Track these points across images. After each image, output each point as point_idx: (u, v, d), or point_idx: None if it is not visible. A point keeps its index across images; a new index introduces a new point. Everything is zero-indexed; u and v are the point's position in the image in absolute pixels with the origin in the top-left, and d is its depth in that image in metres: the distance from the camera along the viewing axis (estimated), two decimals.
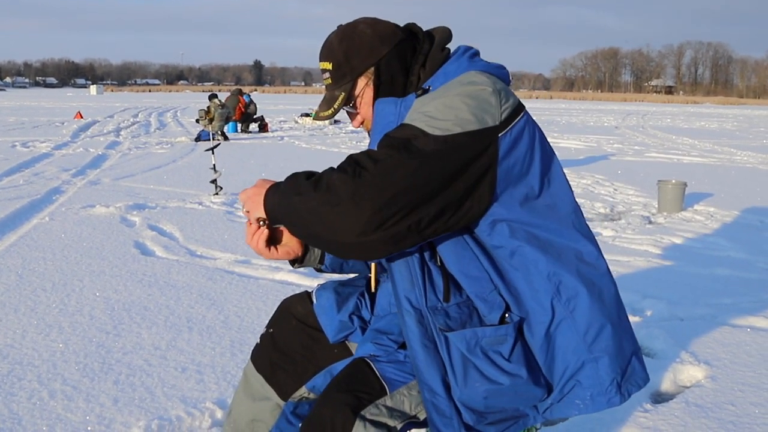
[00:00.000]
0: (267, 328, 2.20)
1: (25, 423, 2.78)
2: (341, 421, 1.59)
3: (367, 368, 1.73)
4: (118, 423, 2.80)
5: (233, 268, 5.08)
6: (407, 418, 1.69)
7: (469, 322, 1.64)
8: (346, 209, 1.44)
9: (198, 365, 3.36)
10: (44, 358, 3.39)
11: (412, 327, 1.66)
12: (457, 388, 1.64)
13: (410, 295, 1.66)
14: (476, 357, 1.62)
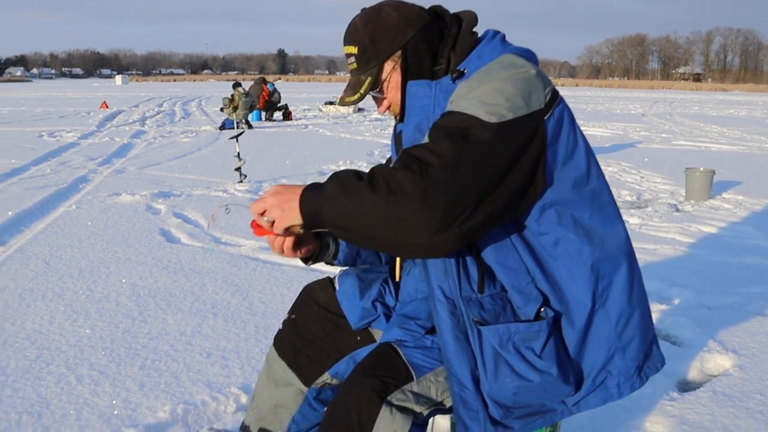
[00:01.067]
0: (289, 314, 2.20)
1: (53, 407, 2.80)
2: (367, 406, 1.58)
3: (393, 353, 1.72)
4: (144, 407, 2.82)
5: (258, 255, 5.10)
6: (433, 404, 1.68)
7: (502, 314, 1.62)
8: (416, 209, 1.39)
9: (223, 351, 3.37)
10: (71, 343, 3.42)
11: (444, 317, 1.64)
12: (486, 383, 1.63)
13: (444, 284, 1.65)
14: (508, 352, 1.60)
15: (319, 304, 2.11)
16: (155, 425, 2.69)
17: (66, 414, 2.75)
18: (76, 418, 2.73)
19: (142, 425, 2.66)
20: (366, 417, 1.57)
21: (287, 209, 1.54)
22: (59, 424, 2.68)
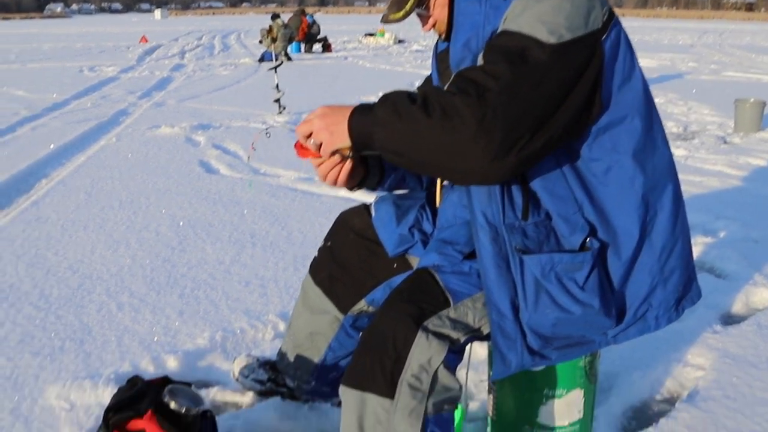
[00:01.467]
0: (325, 242, 2.17)
1: (95, 334, 2.84)
2: (403, 331, 1.55)
3: (430, 279, 1.68)
4: (183, 334, 2.85)
5: (296, 185, 5.09)
6: (470, 331, 1.64)
7: (546, 243, 1.57)
8: (474, 135, 1.34)
9: (261, 279, 3.38)
10: (112, 272, 3.46)
11: (485, 244, 1.60)
12: (526, 312, 1.59)
13: (487, 210, 1.60)
14: (550, 283, 1.56)
15: (354, 231, 2.07)
16: (194, 351, 2.72)
17: (107, 341, 2.79)
18: (117, 344, 2.77)
19: (181, 351, 2.69)
20: (401, 342, 1.54)
21: (336, 132, 1.50)
22: (101, 350, 2.72)
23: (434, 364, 1.54)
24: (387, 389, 1.54)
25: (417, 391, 1.54)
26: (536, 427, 1.98)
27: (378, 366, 1.54)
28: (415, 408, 1.54)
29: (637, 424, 2.35)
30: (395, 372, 1.53)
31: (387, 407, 1.54)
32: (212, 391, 2.49)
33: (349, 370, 1.61)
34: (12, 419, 2.29)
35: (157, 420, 1.91)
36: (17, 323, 2.91)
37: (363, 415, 1.57)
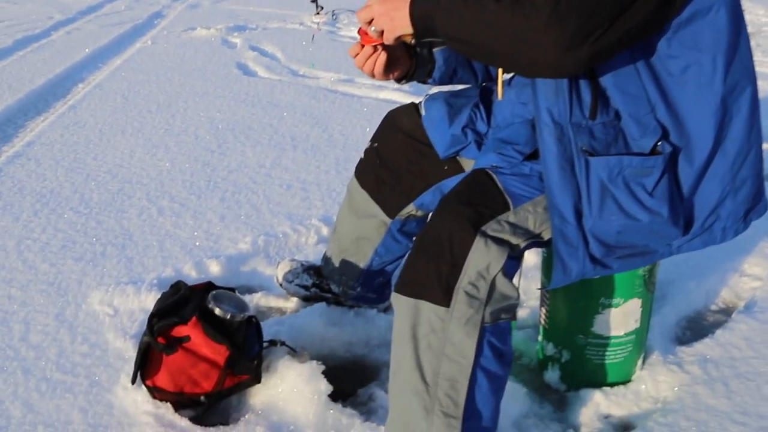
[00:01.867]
0: (371, 143, 2.05)
1: (136, 239, 2.80)
2: (460, 235, 1.44)
3: (488, 181, 1.56)
4: (225, 239, 2.79)
5: (336, 87, 4.94)
6: (530, 236, 1.53)
7: (614, 145, 1.45)
8: (546, 23, 1.23)
9: (303, 183, 3.29)
10: (152, 176, 3.39)
11: (549, 144, 1.47)
12: (590, 218, 1.48)
13: (553, 107, 1.46)
14: (616, 187, 1.44)
15: (403, 132, 1.95)
16: (237, 256, 2.66)
17: (149, 245, 2.75)
18: (159, 249, 2.72)
19: (224, 256, 2.63)
20: (459, 247, 1.44)
21: (397, 18, 1.42)
22: (142, 255, 2.68)
23: (492, 271, 1.44)
24: (442, 297, 1.44)
25: (474, 300, 1.44)
26: (590, 336, 1.90)
27: (433, 272, 1.44)
28: (471, 317, 1.45)
29: (692, 335, 2.25)
30: (451, 279, 1.44)
31: (442, 316, 1.45)
32: (256, 297, 2.44)
33: (401, 276, 1.52)
34: (57, 324, 2.27)
35: (202, 326, 1.85)
36: (59, 229, 2.87)
37: (416, 323, 1.48)
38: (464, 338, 1.46)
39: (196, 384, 1.88)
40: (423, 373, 1.49)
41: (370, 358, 2.17)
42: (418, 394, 1.50)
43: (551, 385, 2.01)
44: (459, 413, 1.49)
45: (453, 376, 1.48)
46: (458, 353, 1.47)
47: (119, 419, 1.88)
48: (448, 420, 1.49)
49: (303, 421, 1.85)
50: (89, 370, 2.06)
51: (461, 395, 1.49)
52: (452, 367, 1.47)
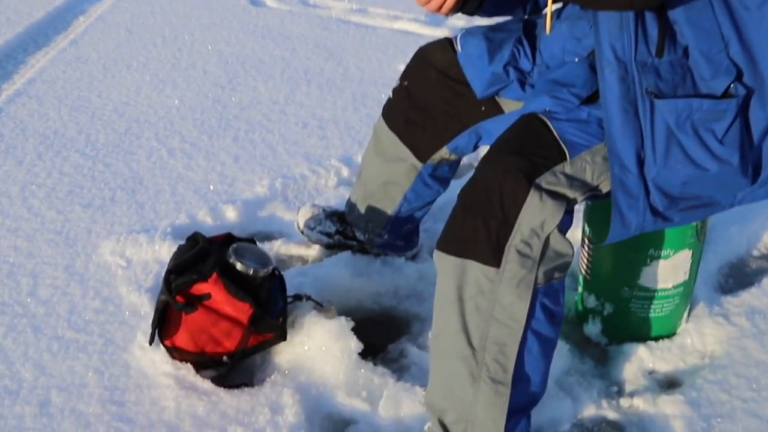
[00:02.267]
0: (401, 81, 1.89)
1: (146, 183, 2.67)
2: (512, 188, 1.30)
3: (542, 127, 1.40)
4: (240, 182, 2.66)
5: (349, 17, 4.71)
6: (588, 189, 1.39)
7: (681, 86, 1.30)
8: None
9: (319, 120, 3.14)
10: (160, 114, 3.24)
11: (611, 84, 1.33)
12: (653, 167, 1.35)
13: (616, 42, 1.31)
14: (684, 133, 1.31)
15: (436, 69, 1.78)
16: (253, 200, 2.53)
17: (160, 190, 2.62)
18: (171, 194, 2.59)
19: (240, 201, 2.51)
20: (511, 202, 1.30)
21: None
22: (154, 200, 2.55)
23: (548, 228, 1.31)
24: (492, 257, 1.32)
25: (526, 259, 1.32)
26: (636, 288, 1.78)
27: (482, 230, 1.31)
28: (524, 278, 1.33)
29: (735, 283, 2.14)
30: (502, 237, 1.31)
31: (491, 276, 1.33)
32: (276, 245, 2.32)
33: (446, 233, 1.38)
34: (67, 277, 2.16)
35: (223, 283, 1.73)
36: (64, 173, 2.74)
37: (462, 284, 1.36)
38: (516, 300, 1.34)
39: (218, 343, 1.78)
40: (469, 337, 1.38)
41: (399, 309, 2.06)
42: (464, 359, 1.40)
43: (591, 338, 1.91)
44: (508, 379, 1.39)
45: (502, 340, 1.37)
46: (509, 316, 1.35)
47: (137, 381, 1.79)
48: (496, 386, 1.39)
49: (333, 381, 1.75)
50: (103, 328, 1.96)
51: (510, 360, 1.38)
52: (501, 331, 1.36)
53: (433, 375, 1.50)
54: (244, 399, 1.72)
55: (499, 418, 1.42)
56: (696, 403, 1.65)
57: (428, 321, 1.98)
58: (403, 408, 1.68)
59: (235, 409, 1.70)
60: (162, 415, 1.69)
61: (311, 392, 1.73)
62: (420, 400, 1.68)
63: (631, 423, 1.66)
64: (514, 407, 1.42)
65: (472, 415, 1.42)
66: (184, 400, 1.72)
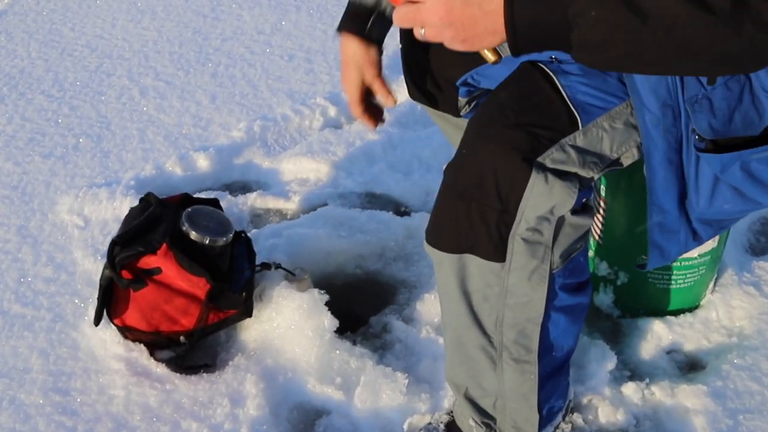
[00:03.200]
0: None
1: (114, 127, 2.42)
2: (509, 172, 1.03)
3: (547, 85, 1.10)
4: (215, 124, 2.40)
5: None
6: (607, 164, 1.11)
7: (738, 108, 1.04)
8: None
9: (307, 52, 2.85)
10: (135, 49, 2.96)
11: (656, 140, 1.08)
12: (697, 208, 1.12)
13: (659, 85, 1.05)
14: (732, 176, 1.07)
15: None
16: (229, 146, 2.28)
17: (128, 135, 2.38)
18: (140, 140, 2.35)
19: (213, 148, 2.26)
20: (508, 188, 1.03)
21: (483, 26, 0.89)
22: (120, 148, 2.31)
23: (559, 212, 1.06)
24: (494, 251, 1.07)
25: (537, 246, 1.08)
26: None
27: (477, 220, 1.06)
28: (536, 268, 1.09)
29: (767, 241, 1.87)
30: (503, 228, 1.05)
31: (497, 271, 1.09)
32: (251, 198, 2.09)
33: (435, 223, 1.13)
34: (19, 240, 1.95)
35: (174, 256, 1.51)
36: (27, 118, 2.50)
37: (465, 277, 1.13)
38: (530, 292, 1.12)
39: (174, 322, 1.57)
40: (483, 327, 1.17)
41: (385, 274, 1.83)
42: (481, 348, 1.19)
43: (602, 309, 1.67)
44: (533, 357, 1.19)
45: (520, 323, 1.16)
46: (523, 305, 1.13)
47: (85, 365, 1.59)
48: (521, 366, 1.20)
49: (303, 366, 1.54)
50: (53, 301, 1.75)
51: (534, 341, 1.18)
52: (518, 316, 1.15)
53: (449, 355, 1.28)
54: (201, 387, 1.52)
55: (530, 393, 1.23)
56: (721, 394, 1.41)
57: (416, 288, 1.76)
58: (382, 398, 1.46)
59: (191, 400, 1.49)
60: (109, 406, 1.49)
61: (278, 379, 1.52)
62: (401, 390, 1.46)
63: (645, 416, 1.43)
64: (546, 374, 1.24)
65: (500, 391, 1.24)
66: (134, 388, 1.52)
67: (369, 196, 2.10)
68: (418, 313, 1.68)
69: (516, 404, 1.25)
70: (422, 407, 1.45)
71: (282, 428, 1.45)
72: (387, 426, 1.44)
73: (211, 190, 2.12)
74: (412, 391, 1.47)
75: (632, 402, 1.45)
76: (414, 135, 2.25)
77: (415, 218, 1.95)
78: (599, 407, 1.45)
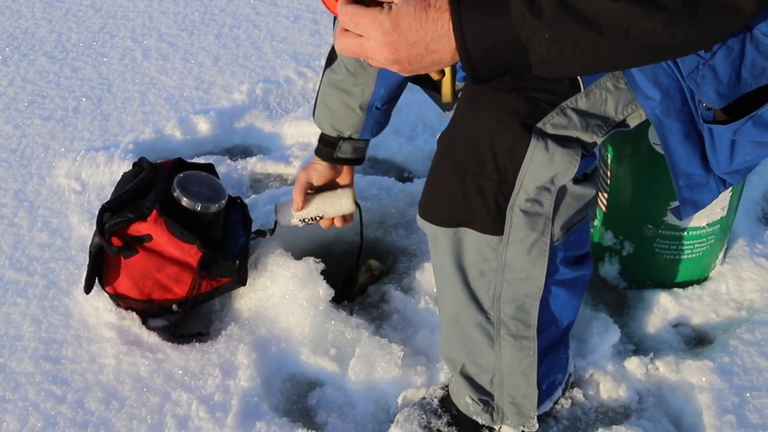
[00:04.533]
0: None
1: (115, 89, 2.38)
2: (507, 139, 0.97)
3: None
4: (217, 87, 2.35)
5: None
6: (611, 126, 1.05)
7: (743, 65, 0.98)
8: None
9: (313, 12, 2.78)
10: (140, 9, 2.90)
11: (670, 126, 1.03)
12: (719, 166, 1.07)
13: (657, 71, 1.00)
14: (747, 134, 1.02)
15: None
16: (230, 110, 2.24)
17: (129, 98, 2.33)
18: (140, 102, 2.30)
19: (214, 111, 2.21)
20: (506, 157, 0.98)
21: (427, 60, 0.90)
22: (120, 110, 2.27)
23: (560, 182, 1.01)
24: (491, 224, 1.02)
25: (536, 218, 1.02)
26: (662, 226, 1.48)
27: (474, 192, 1.01)
28: (536, 241, 1.04)
29: None
30: (500, 199, 1.00)
31: (494, 244, 1.04)
32: (251, 162, 2.04)
33: (428, 196, 1.08)
34: (15, 204, 1.92)
35: (165, 223, 1.46)
36: (28, 80, 2.46)
37: (460, 253, 1.08)
38: (529, 266, 1.07)
39: (167, 290, 1.53)
40: (480, 303, 1.13)
41: (385, 242, 1.78)
42: (478, 325, 1.15)
43: (607, 280, 1.62)
44: (531, 333, 1.15)
45: (518, 298, 1.11)
46: (523, 280, 1.08)
47: (77, 332, 1.56)
48: (520, 342, 1.16)
49: (297, 336, 1.50)
50: (47, 266, 1.72)
51: (532, 316, 1.13)
52: (516, 291, 1.10)
53: (445, 332, 1.24)
54: (193, 357, 1.48)
55: (529, 369, 1.19)
56: (727, 370, 1.35)
57: (416, 257, 1.71)
58: (377, 370, 1.42)
59: (182, 370, 1.46)
60: (100, 375, 1.46)
61: (271, 350, 1.48)
62: (396, 362, 1.42)
63: (648, 392, 1.38)
64: (545, 348, 1.20)
65: (498, 367, 1.20)
66: (125, 357, 1.49)
67: (371, 160, 2.04)
68: (417, 282, 1.63)
69: (514, 380, 1.21)
70: (417, 380, 1.41)
71: (274, 400, 1.42)
72: (381, 399, 1.41)
73: (211, 154, 2.08)
74: (408, 363, 1.43)
75: (635, 377, 1.40)
76: (419, 98, 2.15)
77: (417, 184, 1.90)
78: (601, 382, 1.40)
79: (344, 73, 1.41)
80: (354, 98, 1.43)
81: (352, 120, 1.47)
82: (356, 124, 1.48)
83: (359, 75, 1.40)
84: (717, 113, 1.02)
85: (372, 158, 2.04)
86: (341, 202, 1.54)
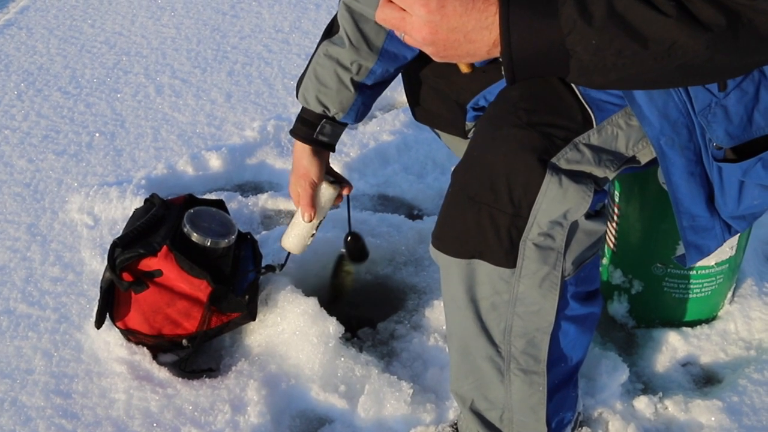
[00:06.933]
0: None
1: (128, 125, 2.41)
2: (522, 174, 0.99)
3: (558, 82, 1.06)
4: (229, 123, 2.38)
5: None
6: (622, 162, 1.07)
7: (755, 105, 0.99)
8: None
9: None
10: (153, 46, 2.95)
11: (673, 159, 1.05)
12: (726, 209, 1.08)
13: (668, 105, 1.01)
14: (756, 175, 1.03)
15: None
16: (241, 146, 2.26)
17: (142, 134, 2.36)
18: (153, 138, 2.33)
19: (226, 147, 2.23)
20: (521, 192, 1.00)
21: (463, 49, 0.88)
22: (133, 146, 2.30)
23: (573, 217, 1.02)
24: (504, 257, 1.04)
25: (548, 252, 1.04)
26: (671, 265, 1.48)
27: (488, 225, 1.02)
28: (547, 275, 1.05)
29: None
30: (514, 233, 1.02)
31: (506, 278, 1.05)
32: (262, 199, 2.06)
33: (442, 227, 1.09)
34: (28, 239, 1.93)
35: (175, 258, 1.48)
36: (42, 115, 2.50)
37: (473, 285, 1.09)
38: (540, 300, 1.07)
39: (177, 325, 1.54)
40: (491, 336, 1.13)
41: (395, 279, 1.79)
42: (489, 359, 1.15)
43: (616, 319, 1.62)
44: (542, 368, 1.15)
45: (529, 332, 1.11)
46: (534, 313, 1.09)
47: (87, 367, 1.56)
48: (530, 377, 1.16)
49: (306, 373, 1.50)
50: (58, 301, 1.74)
51: (542, 351, 1.13)
52: (527, 325, 1.10)
53: (454, 366, 1.24)
54: (203, 393, 1.49)
55: (539, 405, 1.19)
56: (736, 410, 1.35)
57: (426, 294, 1.72)
58: (387, 407, 1.42)
59: (192, 405, 1.46)
60: (110, 410, 1.47)
61: (281, 386, 1.49)
62: (406, 400, 1.42)
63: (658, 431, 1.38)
64: (555, 385, 1.20)
65: (507, 403, 1.20)
66: (136, 392, 1.49)
67: (381, 198, 2.06)
68: (426, 320, 1.64)
69: (524, 417, 1.21)
70: (427, 418, 1.41)
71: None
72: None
73: (223, 191, 2.10)
74: (417, 400, 1.43)
75: (644, 416, 1.39)
76: (429, 136, 2.18)
77: (427, 222, 1.91)
78: (610, 421, 1.39)
79: (346, 45, 1.36)
80: (348, 73, 1.38)
81: (342, 95, 1.41)
82: (345, 102, 1.41)
83: (361, 50, 1.35)
84: (727, 152, 1.04)
85: (382, 196, 2.06)
86: (325, 194, 1.51)
